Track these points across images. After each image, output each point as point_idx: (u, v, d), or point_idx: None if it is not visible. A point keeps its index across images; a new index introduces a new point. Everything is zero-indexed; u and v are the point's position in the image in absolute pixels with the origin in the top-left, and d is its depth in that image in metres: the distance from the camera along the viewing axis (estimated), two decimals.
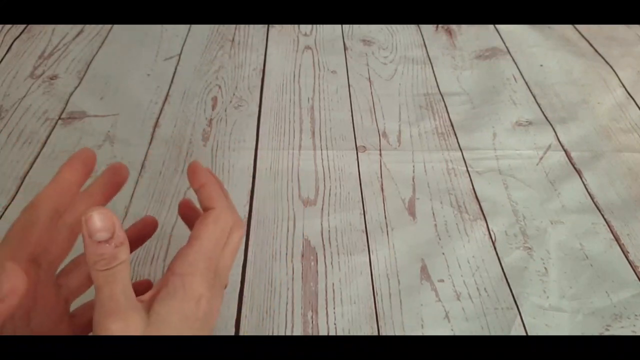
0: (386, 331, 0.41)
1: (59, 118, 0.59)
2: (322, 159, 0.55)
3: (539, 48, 0.74)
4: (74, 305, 0.33)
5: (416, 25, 0.79)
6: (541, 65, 0.71)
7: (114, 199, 0.50)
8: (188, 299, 0.27)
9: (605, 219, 0.50)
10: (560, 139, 0.59)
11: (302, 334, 0.40)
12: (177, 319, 0.27)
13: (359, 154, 0.56)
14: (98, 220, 0.24)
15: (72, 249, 0.32)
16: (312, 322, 0.41)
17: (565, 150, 0.57)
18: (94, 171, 0.35)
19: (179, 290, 0.27)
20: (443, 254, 0.46)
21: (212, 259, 0.29)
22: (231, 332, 0.40)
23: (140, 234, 0.35)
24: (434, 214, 0.50)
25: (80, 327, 0.32)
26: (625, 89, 0.67)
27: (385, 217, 0.49)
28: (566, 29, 0.78)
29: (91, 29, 0.74)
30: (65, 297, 0.31)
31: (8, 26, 0.74)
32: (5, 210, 0.48)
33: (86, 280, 0.32)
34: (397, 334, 0.41)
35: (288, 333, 0.40)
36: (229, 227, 0.30)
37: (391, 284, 0.44)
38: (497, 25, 0.78)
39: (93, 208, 0.24)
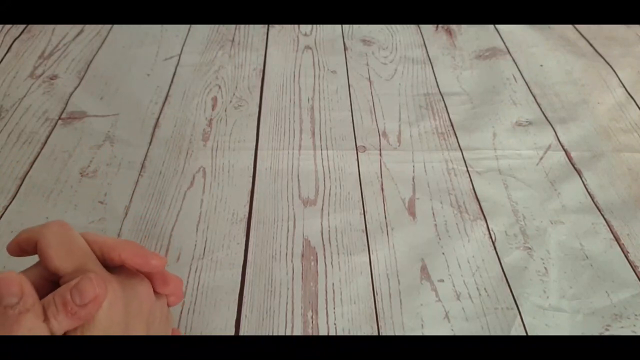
0: (386, 331, 0.41)
1: (59, 118, 0.59)
2: (322, 159, 0.55)
3: (539, 48, 0.74)
4: None
5: (416, 25, 0.79)
6: (541, 65, 0.71)
7: (114, 199, 0.50)
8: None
9: (605, 219, 0.50)
10: (560, 139, 0.59)
11: (302, 334, 0.40)
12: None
13: (359, 154, 0.56)
14: (4, 285, 0.24)
15: None
16: (312, 322, 0.41)
17: (565, 150, 0.57)
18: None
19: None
20: (443, 254, 0.46)
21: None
22: (231, 332, 0.40)
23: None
24: (434, 214, 0.50)
25: None
26: (625, 89, 0.67)
27: (385, 217, 0.49)
28: (566, 29, 0.78)
29: (91, 29, 0.74)
30: None
31: (8, 26, 0.74)
32: (5, 210, 0.48)
33: None
34: (397, 334, 0.41)
35: (288, 333, 0.40)
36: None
37: (391, 284, 0.44)
38: (497, 25, 0.78)
39: (3, 272, 0.24)
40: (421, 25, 0.78)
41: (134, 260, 0.30)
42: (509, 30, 0.77)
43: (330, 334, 0.40)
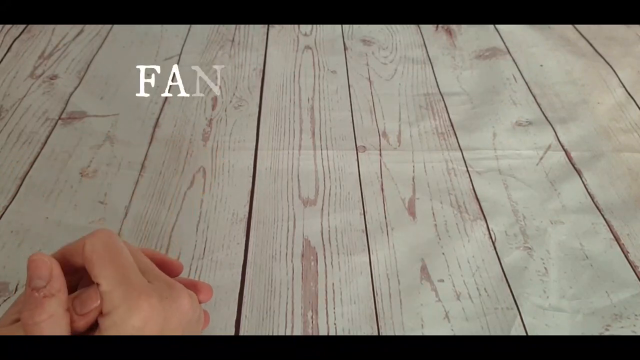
0: (386, 331, 0.41)
1: (59, 118, 0.59)
2: (322, 159, 0.55)
3: (539, 48, 0.74)
4: None
5: (416, 25, 0.79)
6: (541, 65, 0.71)
7: (114, 199, 0.50)
8: None
9: (605, 219, 0.50)
10: (560, 139, 0.59)
11: (302, 334, 0.40)
12: None
13: (359, 154, 0.56)
14: (35, 266, 0.24)
15: None
16: (312, 322, 0.41)
17: (565, 150, 0.57)
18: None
19: None
20: (443, 254, 0.46)
21: None
22: (231, 332, 0.40)
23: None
24: (434, 214, 0.50)
25: None
26: (625, 89, 0.67)
27: (385, 217, 0.49)
28: (566, 29, 0.78)
29: (91, 29, 0.74)
30: None
31: (8, 26, 0.74)
32: (5, 210, 0.48)
33: None
34: (397, 334, 0.40)
35: (288, 333, 0.40)
36: None
37: (391, 284, 0.44)
38: (497, 25, 0.78)
39: (36, 253, 0.24)
40: (421, 25, 0.78)
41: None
42: (509, 30, 0.77)
43: (330, 334, 0.40)
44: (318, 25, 0.77)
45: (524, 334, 0.41)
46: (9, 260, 0.45)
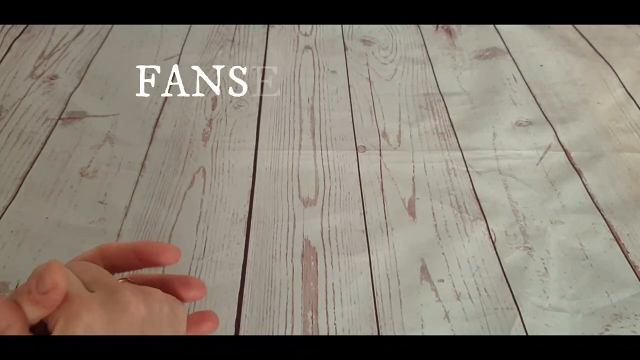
0: (386, 331, 0.41)
1: (59, 118, 0.59)
2: (322, 159, 0.55)
3: (539, 48, 0.74)
4: None
5: (416, 25, 0.79)
6: (541, 65, 0.71)
7: (114, 199, 0.50)
8: None
9: (605, 219, 0.50)
10: (560, 139, 0.59)
11: (302, 334, 0.40)
12: None
13: (359, 154, 0.56)
14: None
15: None
16: (312, 322, 0.41)
17: (565, 150, 0.57)
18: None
19: None
20: (443, 254, 0.46)
21: None
22: (231, 332, 0.40)
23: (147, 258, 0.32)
24: (434, 214, 0.50)
25: None
26: (625, 89, 0.67)
27: (385, 217, 0.49)
28: (566, 29, 0.78)
29: (91, 29, 0.74)
30: None
31: (8, 26, 0.74)
32: (5, 210, 0.48)
33: None
34: (397, 334, 0.41)
35: (288, 333, 0.40)
36: None
37: (391, 284, 0.44)
38: (497, 25, 0.78)
39: None
40: (421, 25, 0.78)
41: (150, 252, 0.30)
42: (509, 30, 0.77)
43: (330, 334, 0.40)
44: (318, 25, 0.77)
45: (524, 334, 0.41)
46: (9, 260, 0.45)
